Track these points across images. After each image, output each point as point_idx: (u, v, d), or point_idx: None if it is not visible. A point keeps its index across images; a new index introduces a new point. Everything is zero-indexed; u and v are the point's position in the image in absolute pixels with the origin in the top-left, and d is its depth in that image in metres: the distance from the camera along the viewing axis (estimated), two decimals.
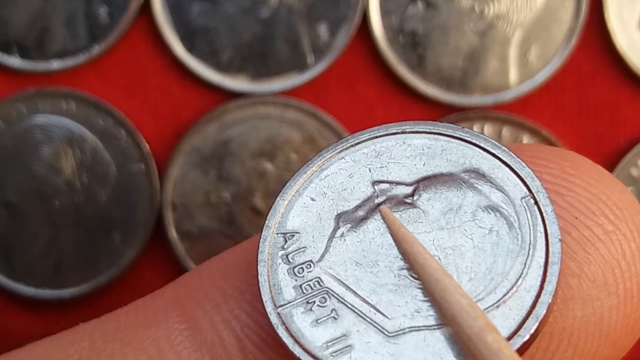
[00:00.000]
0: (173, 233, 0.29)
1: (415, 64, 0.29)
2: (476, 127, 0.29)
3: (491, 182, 0.19)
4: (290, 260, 0.19)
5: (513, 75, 0.29)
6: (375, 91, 0.30)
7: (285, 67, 0.29)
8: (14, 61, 0.29)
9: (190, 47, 0.29)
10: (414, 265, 0.18)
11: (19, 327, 0.30)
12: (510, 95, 0.29)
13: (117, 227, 0.29)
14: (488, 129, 0.29)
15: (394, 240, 0.18)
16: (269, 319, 0.18)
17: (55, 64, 0.29)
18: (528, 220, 0.18)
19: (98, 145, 0.29)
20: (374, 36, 0.29)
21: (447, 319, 0.17)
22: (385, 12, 0.29)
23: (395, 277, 0.18)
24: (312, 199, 0.19)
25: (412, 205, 0.19)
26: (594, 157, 0.29)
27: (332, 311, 0.18)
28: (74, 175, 0.29)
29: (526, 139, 0.29)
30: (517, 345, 0.17)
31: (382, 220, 0.19)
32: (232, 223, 0.29)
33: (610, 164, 0.29)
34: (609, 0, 0.29)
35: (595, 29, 0.29)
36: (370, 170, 0.19)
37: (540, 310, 0.17)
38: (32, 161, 0.29)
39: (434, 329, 0.18)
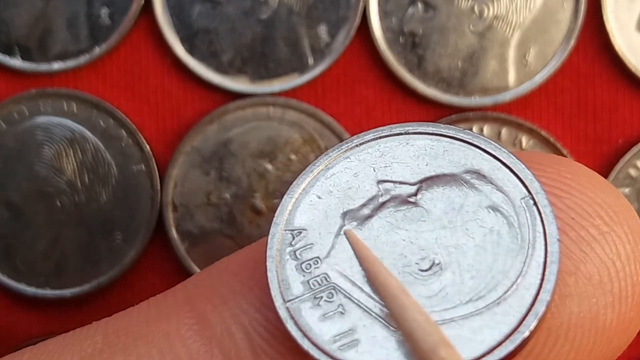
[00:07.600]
0: (174, 233, 0.30)
1: (415, 65, 0.29)
2: (475, 128, 0.29)
3: (492, 183, 0.19)
4: (298, 257, 0.19)
5: (512, 76, 0.29)
6: (375, 92, 0.30)
7: (286, 68, 0.30)
8: (16, 62, 0.30)
9: (191, 48, 0.30)
10: (374, 283, 0.18)
11: (20, 326, 0.30)
12: (509, 96, 0.29)
13: (118, 227, 0.29)
14: (487, 129, 0.29)
15: (357, 259, 0.19)
16: (277, 313, 0.18)
17: (56, 65, 0.30)
18: (527, 220, 0.19)
19: (99, 146, 0.29)
20: (374, 37, 0.29)
21: (405, 335, 0.17)
22: (385, 14, 0.29)
23: (399, 273, 0.19)
24: (319, 197, 0.19)
25: (416, 204, 0.19)
26: (592, 157, 0.30)
27: (339, 306, 0.18)
28: (75, 175, 0.29)
29: (525, 139, 0.29)
30: (518, 341, 0.18)
31: (387, 219, 0.19)
32: (232, 223, 0.30)
33: (609, 165, 0.29)
34: (608, 2, 0.29)
35: (594, 30, 0.29)
36: (374, 170, 0.20)
37: (540, 308, 0.18)
38: (33, 162, 0.29)
39: (439, 324, 0.18)
